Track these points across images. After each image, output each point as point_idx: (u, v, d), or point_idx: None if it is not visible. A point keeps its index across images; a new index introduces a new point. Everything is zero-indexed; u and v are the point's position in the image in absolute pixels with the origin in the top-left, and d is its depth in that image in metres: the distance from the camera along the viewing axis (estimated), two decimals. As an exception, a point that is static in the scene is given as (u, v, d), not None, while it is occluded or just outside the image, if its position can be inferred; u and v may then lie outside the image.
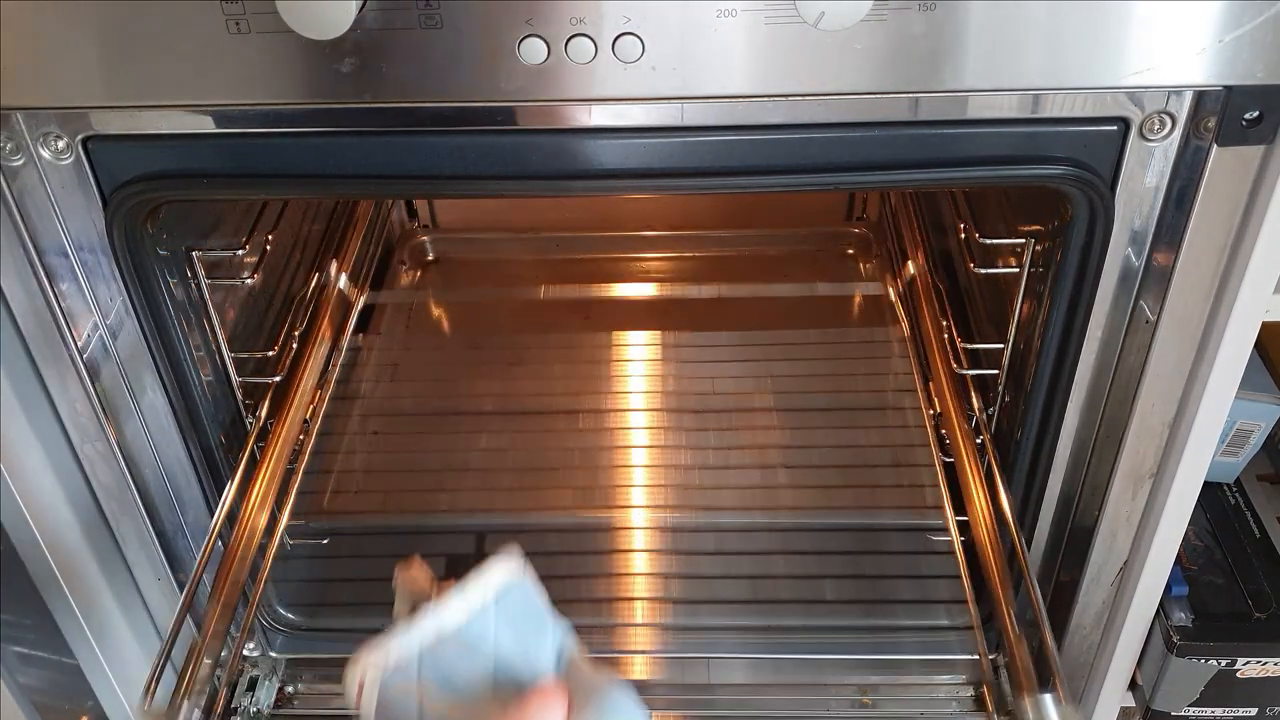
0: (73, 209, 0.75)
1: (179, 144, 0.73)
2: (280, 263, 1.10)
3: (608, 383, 1.20)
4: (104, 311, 0.81)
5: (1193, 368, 0.81)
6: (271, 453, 0.95)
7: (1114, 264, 0.77)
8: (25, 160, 0.73)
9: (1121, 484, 0.88)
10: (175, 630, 0.78)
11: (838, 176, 0.73)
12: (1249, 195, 0.72)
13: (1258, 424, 1.03)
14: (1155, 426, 0.85)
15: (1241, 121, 0.68)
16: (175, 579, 0.98)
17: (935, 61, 0.65)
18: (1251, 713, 1.02)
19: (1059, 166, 0.72)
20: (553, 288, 1.35)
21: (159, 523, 0.94)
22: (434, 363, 1.25)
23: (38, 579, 0.90)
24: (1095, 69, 0.66)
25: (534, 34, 0.64)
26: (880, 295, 1.31)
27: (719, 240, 1.40)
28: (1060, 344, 0.83)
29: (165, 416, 0.88)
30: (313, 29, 0.61)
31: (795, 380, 1.19)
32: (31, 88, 0.67)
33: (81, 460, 0.90)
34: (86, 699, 0.99)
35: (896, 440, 1.09)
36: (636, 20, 0.64)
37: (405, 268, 1.39)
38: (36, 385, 0.84)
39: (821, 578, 0.88)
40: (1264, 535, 1.05)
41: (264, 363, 1.01)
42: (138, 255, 0.78)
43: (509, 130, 0.71)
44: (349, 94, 0.67)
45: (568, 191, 0.74)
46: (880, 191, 1.36)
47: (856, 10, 0.60)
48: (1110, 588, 0.96)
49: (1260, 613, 0.98)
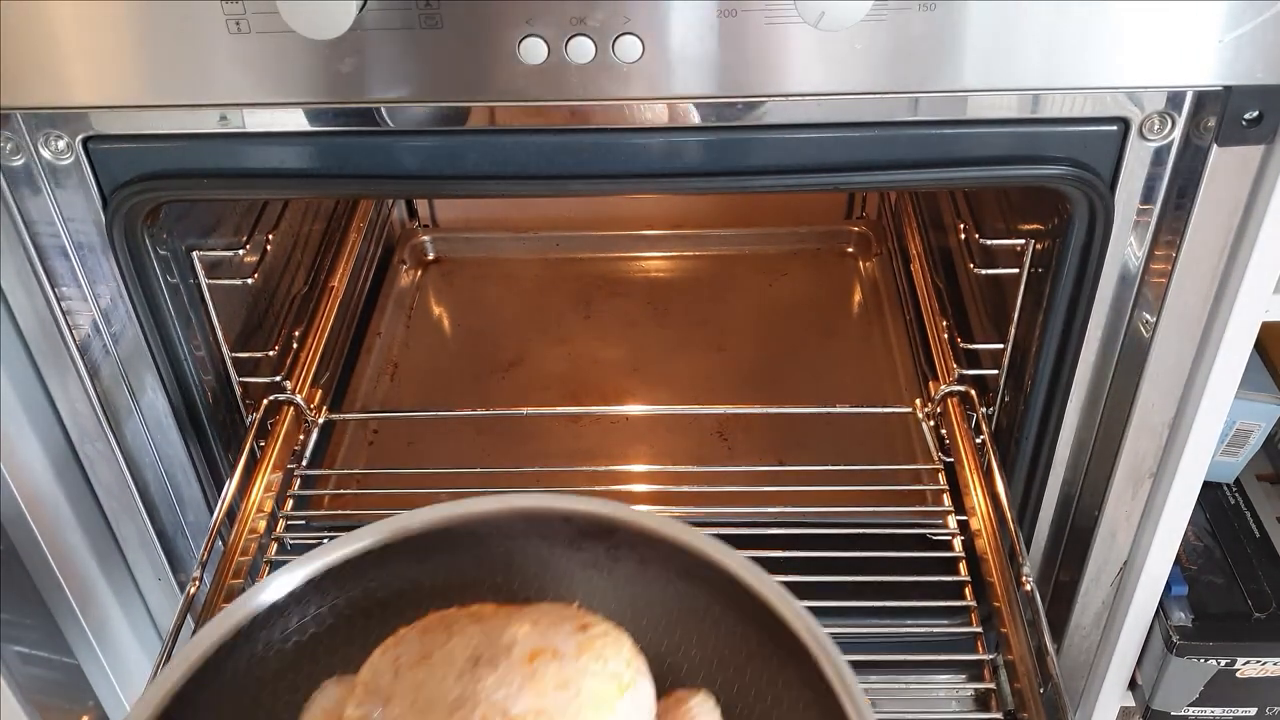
0: (73, 209, 0.75)
1: (179, 144, 0.73)
2: (280, 263, 1.10)
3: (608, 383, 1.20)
4: (104, 311, 0.81)
5: (1192, 367, 0.81)
6: (271, 452, 0.95)
7: (1114, 264, 0.77)
8: (25, 160, 0.73)
9: (1121, 483, 0.88)
10: (176, 630, 0.78)
11: (838, 176, 0.73)
12: (1249, 195, 0.72)
13: (1257, 424, 1.03)
14: (1155, 426, 0.85)
15: (1241, 121, 0.68)
16: (175, 579, 0.98)
17: (935, 61, 0.65)
18: (1251, 712, 1.02)
19: (1058, 166, 0.72)
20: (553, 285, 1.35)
21: (159, 522, 0.94)
22: (434, 363, 1.25)
23: (38, 579, 0.90)
24: (1095, 69, 0.66)
25: (534, 34, 0.64)
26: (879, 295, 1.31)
27: (719, 239, 1.39)
28: (1060, 343, 0.83)
29: (165, 416, 0.88)
30: (313, 29, 0.61)
31: (794, 380, 1.19)
32: (31, 88, 0.67)
33: (81, 460, 0.90)
34: (87, 699, 0.99)
35: (896, 440, 1.09)
36: (636, 20, 0.64)
37: (405, 267, 1.39)
38: (36, 385, 0.84)
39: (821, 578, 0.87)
40: (1264, 535, 1.05)
41: (264, 362, 1.01)
42: (138, 255, 0.78)
43: (509, 130, 0.71)
44: (349, 94, 0.67)
45: (568, 191, 0.74)
46: (880, 191, 1.36)
47: (856, 10, 0.60)
48: (1110, 587, 0.96)
49: (1260, 612, 0.98)
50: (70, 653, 0.95)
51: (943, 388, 1.01)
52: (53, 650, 0.94)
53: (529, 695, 0.52)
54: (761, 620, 0.57)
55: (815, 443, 1.09)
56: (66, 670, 0.96)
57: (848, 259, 1.39)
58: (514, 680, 0.53)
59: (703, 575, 0.59)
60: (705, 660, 0.60)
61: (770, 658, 0.57)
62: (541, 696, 0.52)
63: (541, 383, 1.21)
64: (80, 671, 0.97)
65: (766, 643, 0.57)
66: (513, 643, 0.55)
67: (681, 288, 1.35)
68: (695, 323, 1.28)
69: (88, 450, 0.89)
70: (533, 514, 0.58)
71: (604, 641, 0.56)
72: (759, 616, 0.57)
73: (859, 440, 1.09)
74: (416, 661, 0.56)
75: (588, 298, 1.33)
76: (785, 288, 1.34)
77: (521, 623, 0.56)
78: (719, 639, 0.59)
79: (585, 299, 1.33)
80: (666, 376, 1.21)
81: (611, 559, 0.61)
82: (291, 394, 1.00)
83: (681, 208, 1.40)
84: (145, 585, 0.99)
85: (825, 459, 1.03)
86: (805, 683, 0.55)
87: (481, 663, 0.54)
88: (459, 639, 0.56)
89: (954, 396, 0.99)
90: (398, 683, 0.55)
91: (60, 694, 0.97)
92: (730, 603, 0.58)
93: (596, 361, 1.24)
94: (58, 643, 0.94)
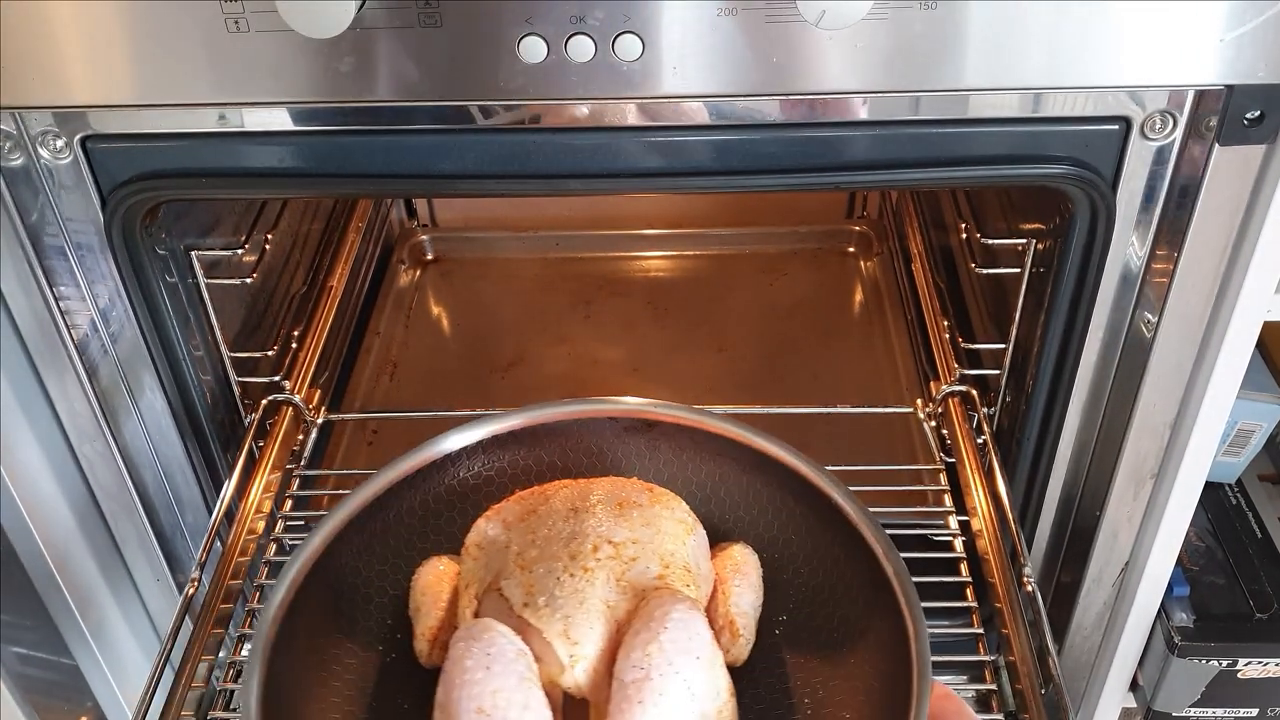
0: (71, 209, 0.75)
1: (178, 143, 0.72)
2: (279, 262, 1.09)
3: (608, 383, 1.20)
4: (102, 311, 0.81)
5: (1194, 368, 0.81)
6: (270, 453, 0.94)
7: (1115, 263, 0.77)
8: (24, 160, 0.73)
9: (1123, 484, 0.88)
10: (174, 631, 0.78)
11: (838, 176, 0.73)
12: (1250, 194, 0.72)
13: (1259, 424, 1.03)
14: (1156, 426, 0.85)
15: (1243, 121, 0.68)
16: (174, 579, 0.98)
17: (936, 60, 0.65)
18: (1253, 713, 1.02)
19: (1060, 166, 0.71)
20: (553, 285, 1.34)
21: (157, 523, 0.94)
22: (433, 362, 1.25)
23: (36, 580, 0.90)
24: (1096, 68, 0.66)
25: (533, 33, 0.64)
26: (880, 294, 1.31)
27: (719, 239, 1.39)
28: (1061, 343, 0.82)
29: (164, 416, 0.88)
30: (312, 28, 0.61)
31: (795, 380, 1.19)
32: (30, 87, 0.67)
33: (80, 460, 0.90)
34: (85, 699, 0.99)
35: (897, 440, 1.09)
36: (636, 19, 0.63)
37: (405, 267, 1.39)
38: (35, 385, 0.84)
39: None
40: (1265, 535, 1.05)
41: (263, 362, 1.01)
42: (136, 255, 0.78)
43: (509, 129, 0.71)
44: (349, 93, 0.67)
45: (567, 191, 0.74)
46: (881, 190, 1.36)
47: (857, 9, 0.60)
48: (1111, 588, 0.96)
49: (1261, 613, 0.98)
50: (69, 653, 0.95)
51: (944, 388, 1.00)
52: (51, 651, 0.94)
53: (624, 529, 0.68)
54: (784, 481, 0.72)
55: (816, 443, 1.08)
56: (65, 671, 0.96)
57: (848, 258, 1.39)
58: (610, 520, 0.69)
59: (729, 454, 0.74)
60: (738, 520, 0.74)
61: (794, 510, 0.72)
62: (633, 530, 0.68)
63: (541, 382, 1.21)
64: (79, 672, 0.97)
65: (789, 499, 0.72)
66: (599, 498, 0.71)
67: (681, 288, 1.35)
68: (695, 323, 1.28)
69: (86, 451, 0.89)
70: (585, 416, 0.76)
71: (667, 497, 0.73)
72: (783, 479, 0.72)
73: (860, 440, 1.08)
74: (522, 517, 0.71)
75: (588, 298, 1.33)
76: (785, 288, 1.34)
77: (600, 486, 0.73)
78: (749, 502, 0.74)
79: (585, 299, 1.33)
80: (666, 376, 1.21)
81: (651, 448, 0.76)
82: (290, 394, 1.00)
83: (681, 208, 1.40)
84: (144, 586, 0.99)
85: (826, 459, 1.02)
86: (828, 524, 0.69)
87: (579, 511, 0.70)
88: (555, 499, 0.72)
89: (955, 396, 0.99)
90: (510, 532, 0.70)
91: (59, 694, 0.97)
92: (756, 472, 0.73)
93: (596, 361, 1.24)
94: (56, 643, 0.94)
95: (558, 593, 0.64)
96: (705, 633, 0.63)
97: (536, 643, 0.64)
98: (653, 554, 0.67)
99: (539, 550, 0.68)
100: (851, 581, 0.67)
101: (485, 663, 0.61)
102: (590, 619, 0.63)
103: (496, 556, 0.69)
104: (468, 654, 0.62)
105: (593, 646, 0.63)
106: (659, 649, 0.61)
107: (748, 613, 0.68)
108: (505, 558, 0.68)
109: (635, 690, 0.60)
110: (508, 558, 0.68)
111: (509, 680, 0.61)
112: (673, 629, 0.62)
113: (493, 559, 0.69)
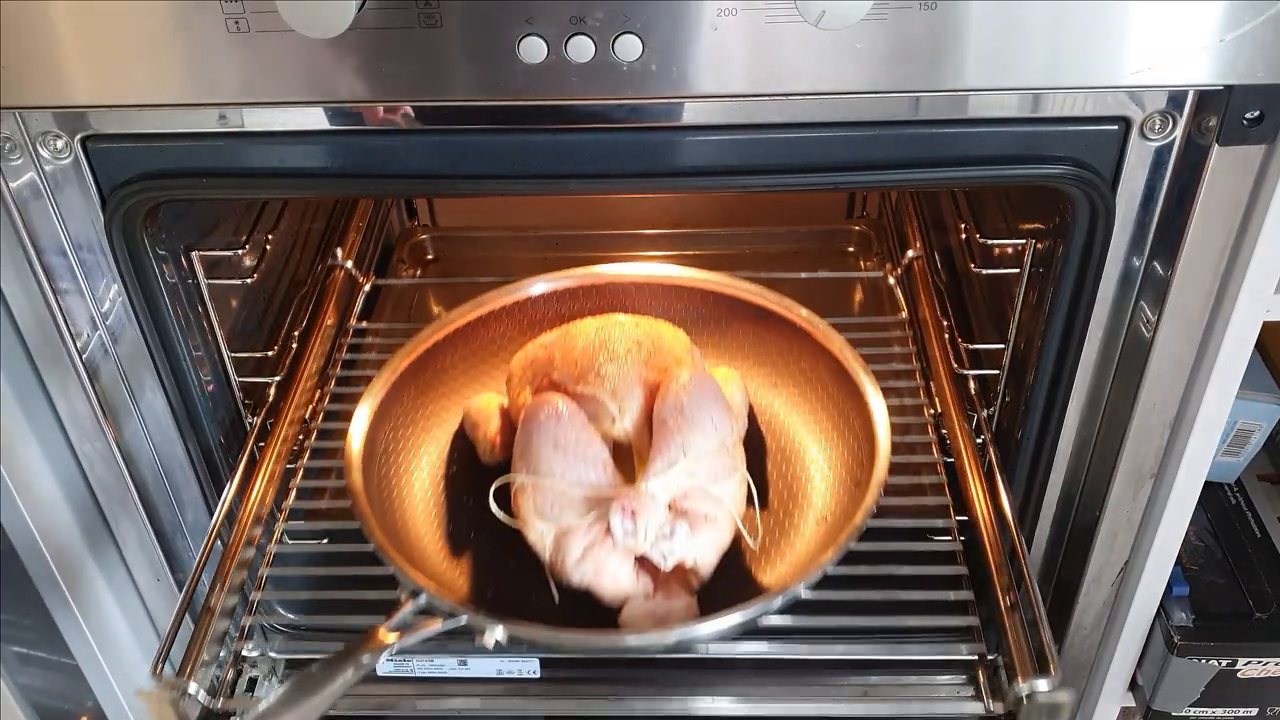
0: (71, 208, 0.75)
1: (178, 144, 0.73)
2: (280, 262, 1.09)
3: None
4: (103, 311, 0.81)
5: (1193, 367, 0.81)
6: (271, 453, 0.94)
7: (1115, 263, 0.77)
8: (24, 160, 0.73)
9: (1122, 484, 0.88)
10: (174, 630, 0.78)
11: (838, 176, 0.73)
12: (1250, 195, 0.72)
13: (1258, 424, 1.03)
14: (1156, 426, 0.85)
15: (1242, 121, 0.68)
16: (174, 579, 0.98)
17: (936, 60, 0.65)
18: (1252, 713, 1.02)
19: (1059, 166, 0.71)
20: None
21: (158, 523, 0.94)
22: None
23: (37, 579, 0.90)
24: (1096, 68, 0.66)
25: (533, 33, 0.64)
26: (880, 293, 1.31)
27: (719, 238, 1.39)
28: (1061, 343, 0.82)
29: (164, 416, 0.88)
30: (312, 28, 0.61)
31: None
32: (30, 87, 0.67)
33: (81, 460, 0.90)
34: (86, 699, 0.99)
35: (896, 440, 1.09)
36: (636, 19, 0.63)
37: (405, 267, 1.39)
38: (36, 385, 0.84)
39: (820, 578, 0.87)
40: (1265, 535, 1.05)
41: (263, 362, 1.01)
42: (137, 255, 0.78)
43: (509, 130, 0.71)
44: (348, 93, 0.67)
45: (567, 191, 0.74)
46: (881, 190, 1.36)
47: (857, 9, 0.60)
48: (1111, 588, 0.96)
49: (1261, 613, 0.98)
50: (69, 653, 0.95)
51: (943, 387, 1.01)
52: (51, 651, 0.94)
53: (641, 331, 0.94)
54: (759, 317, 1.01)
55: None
56: (65, 671, 0.96)
57: (848, 258, 1.39)
58: (632, 326, 0.95)
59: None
60: (726, 348, 1.04)
61: (774, 340, 1.01)
62: (647, 334, 0.94)
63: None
64: (79, 672, 0.97)
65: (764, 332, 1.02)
66: (619, 319, 0.96)
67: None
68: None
69: (87, 450, 0.89)
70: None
71: (666, 322, 0.99)
72: (758, 315, 1.02)
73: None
74: (558, 338, 0.95)
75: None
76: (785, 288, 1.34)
77: (616, 315, 0.98)
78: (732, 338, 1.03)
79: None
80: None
81: None
82: (291, 394, 1.00)
83: (681, 208, 1.40)
84: (144, 586, 0.99)
85: (825, 459, 1.03)
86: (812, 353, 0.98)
87: (606, 325, 0.95)
88: (582, 324, 0.96)
89: (954, 396, 0.99)
90: (551, 348, 0.93)
91: (59, 694, 0.97)
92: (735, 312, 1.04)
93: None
94: (56, 643, 0.94)
95: (602, 371, 0.88)
96: (716, 388, 0.88)
97: (590, 405, 0.87)
98: (667, 350, 0.92)
99: (579, 352, 0.91)
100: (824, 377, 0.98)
101: (555, 415, 0.83)
102: (630, 384, 0.88)
103: (543, 365, 0.91)
104: (540, 411, 0.84)
105: (635, 402, 0.87)
106: (688, 395, 0.84)
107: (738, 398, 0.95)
108: (551, 362, 0.90)
109: (674, 421, 0.82)
110: (553, 361, 0.90)
111: (575, 424, 0.83)
112: (693, 385, 0.86)
113: (540, 368, 0.91)
